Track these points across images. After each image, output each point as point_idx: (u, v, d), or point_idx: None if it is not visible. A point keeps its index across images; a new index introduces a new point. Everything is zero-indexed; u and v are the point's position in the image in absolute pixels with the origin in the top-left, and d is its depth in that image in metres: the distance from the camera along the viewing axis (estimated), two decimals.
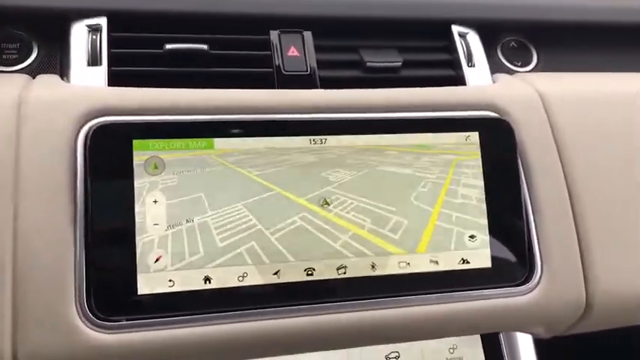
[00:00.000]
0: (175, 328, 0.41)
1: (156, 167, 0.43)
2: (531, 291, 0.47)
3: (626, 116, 0.53)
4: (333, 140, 0.46)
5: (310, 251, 0.44)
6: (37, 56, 0.52)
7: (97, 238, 0.41)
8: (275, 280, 0.43)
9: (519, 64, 0.62)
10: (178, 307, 0.42)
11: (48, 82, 0.46)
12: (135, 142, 0.43)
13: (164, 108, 0.44)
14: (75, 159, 0.42)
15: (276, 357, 0.48)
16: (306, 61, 0.52)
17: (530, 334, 0.52)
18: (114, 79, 0.48)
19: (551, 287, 0.48)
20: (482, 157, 0.49)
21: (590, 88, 0.56)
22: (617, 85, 0.56)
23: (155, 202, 0.42)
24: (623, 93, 0.55)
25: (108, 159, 0.42)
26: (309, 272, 0.44)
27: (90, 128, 0.42)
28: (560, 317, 0.49)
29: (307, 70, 0.52)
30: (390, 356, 0.49)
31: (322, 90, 0.49)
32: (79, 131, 0.42)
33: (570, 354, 0.64)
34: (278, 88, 0.51)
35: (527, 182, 0.49)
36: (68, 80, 0.48)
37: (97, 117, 0.43)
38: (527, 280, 0.48)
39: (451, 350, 0.51)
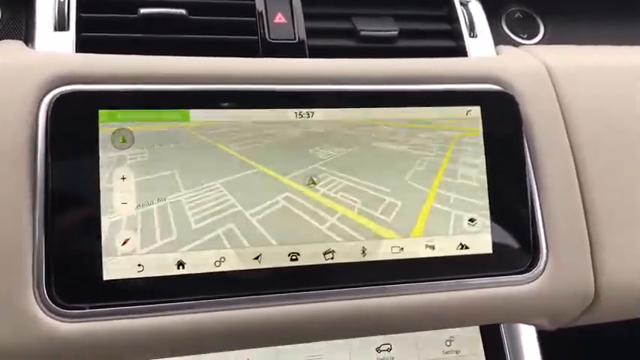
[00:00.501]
0: (145, 317, 0.38)
1: (124, 140, 0.39)
2: (535, 279, 0.44)
3: (637, 91, 0.49)
4: (321, 114, 0.43)
5: (295, 234, 0.41)
6: (0, 20, 0.47)
7: (58, 218, 0.37)
8: (256, 265, 0.40)
9: (525, 36, 0.58)
10: (148, 294, 0.38)
11: (10, 47, 0.43)
12: (101, 112, 0.39)
13: (135, 76, 0.41)
14: (36, 130, 0.38)
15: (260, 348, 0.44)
16: (294, 28, 0.48)
17: (534, 325, 0.48)
18: (83, 46, 0.44)
19: (557, 275, 0.44)
20: (484, 133, 0.45)
21: (600, 62, 0.52)
22: (628, 58, 0.53)
23: (123, 178, 0.39)
24: (635, 66, 0.51)
25: (71, 131, 0.39)
26: (294, 257, 0.40)
27: (53, 97, 0.39)
28: (566, 308, 0.46)
29: (295, 39, 0.48)
30: (381, 348, 0.46)
31: (310, 59, 0.46)
32: (41, 100, 0.39)
33: (576, 347, 0.60)
34: (263, 56, 0.46)
35: (532, 161, 0.46)
36: (33, 46, 0.44)
37: (61, 85, 0.39)
38: (531, 267, 0.44)
39: (448, 342, 0.47)
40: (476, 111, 0.45)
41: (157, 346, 0.39)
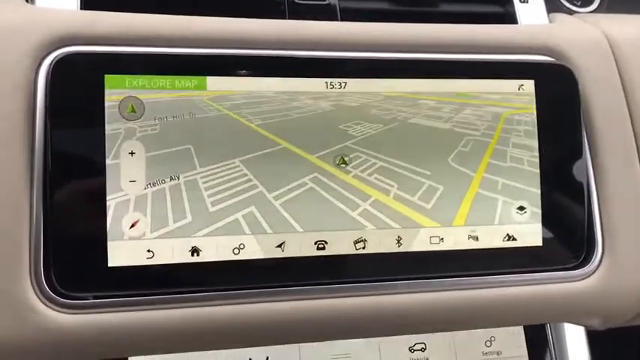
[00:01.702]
0: (154, 309, 0.34)
1: (133, 110, 0.35)
2: (589, 276, 0.40)
3: None
4: (354, 84, 0.38)
5: (322, 220, 0.36)
6: None
7: (58, 197, 0.33)
8: (278, 253, 0.36)
9: (579, 3, 0.53)
10: (158, 283, 0.35)
11: (7, 2, 0.38)
12: (107, 77, 0.34)
13: (146, 37, 0.36)
14: (34, 96, 0.34)
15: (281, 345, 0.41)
16: None
17: (584, 325, 0.44)
18: (88, 3, 0.40)
19: (613, 272, 0.40)
20: (537, 111, 0.40)
21: None
22: None
23: (132, 153, 0.34)
24: None
25: (74, 97, 0.34)
26: (321, 246, 0.36)
27: (54, 59, 0.34)
28: (622, 307, 0.41)
29: None
30: (414, 348, 0.42)
31: (343, 22, 0.41)
32: (40, 62, 0.35)
33: (626, 348, 0.56)
34: (289, 19, 0.42)
35: (589, 145, 0.41)
36: (33, 2, 0.40)
37: (63, 46, 0.35)
38: (585, 262, 0.40)
39: (488, 343, 0.43)
40: (529, 85, 0.40)
41: (168, 340, 0.35)
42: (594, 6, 0.53)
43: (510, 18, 0.47)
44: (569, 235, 0.40)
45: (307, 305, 0.36)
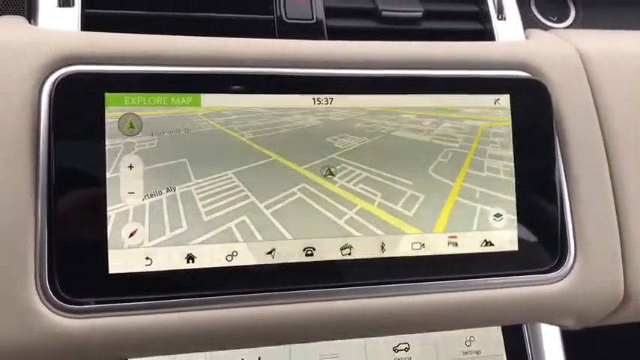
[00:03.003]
0: (152, 313, 0.36)
1: (132, 126, 0.37)
2: (563, 279, 0.42)
3: None
4: (340, 100, 0.40)
5: (310, 228, 0.38)
6: None
7: (61, 208, 0.35)
8: (269, 260, 0.38)
9: (555, 19, 0.55)
10: (156, 289, 0.36)
11: (11, 23, 0.40)
12: (107, 95, 0.36)
13: (143, 56, 0.38)
14: (38, 114, 0.36)
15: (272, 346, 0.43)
16: (312, 7, 0.46)
17: (559, 325, 0.46)
18: (88, 24, 0.42)
19: (586, 275, 0.42)
20: (513, 123, 0.42)
21: (636, 48, 0.49)
22: None
23: (130, 167, 0.36)
24: None
25: (76, 115, 0.36)
26: (309, 252, 0.38)
27: (56, 78, 0.36)
28: (594, 308, 0.43)
29: (313, 19, 0.45)
30: (398, 348, 0.44)
31: (330, 41, 0.43)
32: (43, 82, 0.36)
33: (600, 346, 0.58)
34: (279, 38, 0.44)
35: (562, 155, 0.43)
36: (35, 23, 0.42)
37: (65, 66, 0.37)
38: (559, 266, 0.42)
39: (468, 343, 0.45)
40: (505, 100, 0.42)
41: (166, 342, 0.37)
42: (569, 22, 0.55)
43: (489, 34, 0.49)
44: (543, 241, 0.42)
45: (297, 308, 0.38)
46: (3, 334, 0.34)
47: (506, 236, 0.41)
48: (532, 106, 0.43)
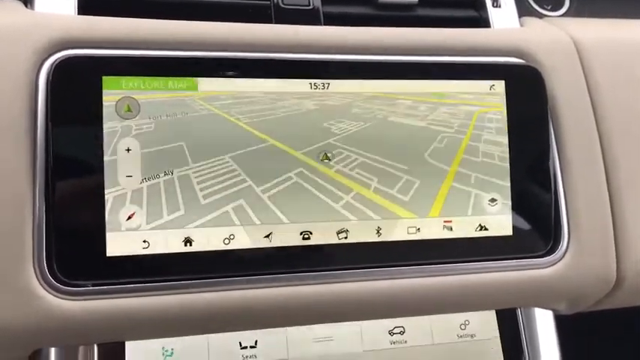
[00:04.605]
0: (149, 295, 0.36)
1: (129, 110, 0.37)
2: (556, 263, 0.42)
3: None
4: (337, 85, 0.40)
5: (307, 212, 0.39)
6: None
7: (59, 191, 0.35)
8: (266, 243, 0.38)
9: (549, 7, 0.55)
10: (154, 272, 0.37)
11: (8, 8, 0.40)
12: (105, 79, 0.37)
13: (141, 40, 0.38)
14: (35, 97, 0.36)
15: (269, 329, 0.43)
16: None
17: (552, 310, 0.47)
18: (84, 8, 0.41)
19: (579, 259, 0.43)
20: (507, 109, 0.42)
21: (629, 36, 0.49)
22: None
23: (128, 150, 0.36)
24: None
25: (73, 98, 0.36)
26: (306, 236, 0.39)
27: (54, 62, 0.36)
28: (587, 292, 0.44)
29: (309, 5, 0.45)
30: (394, 331, 0.44)
31: (326, 27, 0.43)
32: (41, 65, 0.37)
33: (594, 332, 0.59)
34: (275, 24, 0.44)
35: (556, 140, 0.44)
36: (32, 7, 0.41)
37: (62, 49, 0.37)
38: (552, 250, 0.43)
39: (462, 326, 0.45)
40: (500, 85, 0.43)
41: (163, 325, 0.37)
42: (563, 10, 0.56)
43: (484, 22, 0.49)
44: (537, 225, 0.42)
45: (293, 291, 0.38)
46: (1, 316, 0.34)
47: (500, 221, 0.42)
48: (527, 92, 0.43)
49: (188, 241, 0.37)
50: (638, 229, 0.44)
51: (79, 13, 0.41)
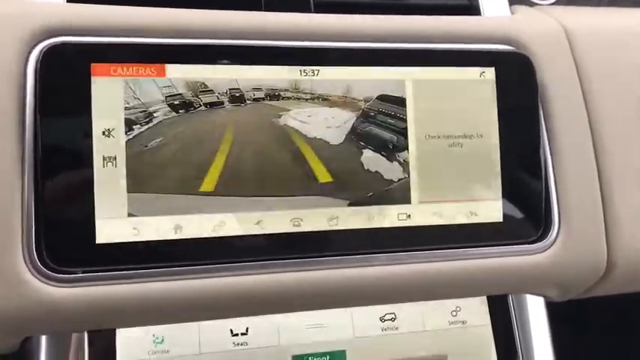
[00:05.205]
0: (139, 282, 0.36)
1: None
2: (547, 249, 0.42)
3: None
4: (326, 72, 0.40)
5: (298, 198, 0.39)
6: None
7: (49, 178, 0.35)
8: (257, 230, 0.38)
9: None
10: (144, 258, 0.36)
11: None
12: (94, 65, 0.36)
13: (131, 28, 0.38)
14: (24, 85, 0.36)
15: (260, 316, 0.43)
16: None
17: (543, 296, 0.47)
18: None
19: (569, 245, 0.43)
20: (497, 96, 0.42)
21: (619, 24, 0.49)
22: None
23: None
24: None
25: (62, 86, 0.36)
26: (296, 223, 0.39)
27: (42, 49, 0.36)
28: (578, 279, 0.44)
29: None
30: (385, 318, 0.44)
31: (316, 14, 0.43)
32: (29, 53, 0.36)
33: (584, 319, 0.59)
34: (265, 11, 0.44)
35: (546, 128, 0.44)
36: None
37: (50, 37, 0.37)
38: (543, 237, 0.43)
39: (454, 313, 0.46)
40: (490, 72, 0.43)
41: (153, 312, 0.37)
42: None
43: (475, 9, 0.49)
44: (527, 212, 0.42)
45: (284, 278, 0.38)
46: None
47: (491, 207, 0.42)
48: (517, 80, 0.43)
49: (178, 227, 0.37)
50: (628, 217, 0.44)
51: (68, 1, 0.41)
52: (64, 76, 0.36)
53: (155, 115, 0.37)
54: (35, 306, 0.35)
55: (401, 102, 0.41)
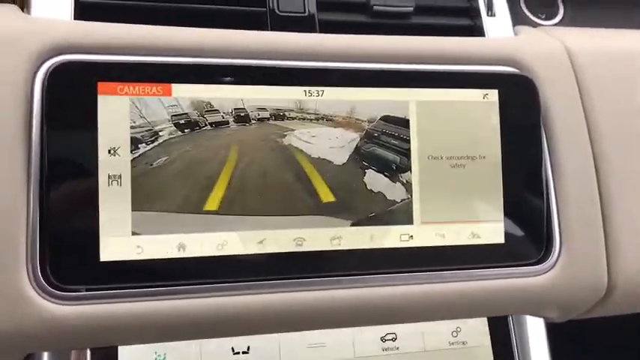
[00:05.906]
0: (142, 301, 0.36)
1: None
2: (548, 271, 0.43)
3: None
4: (331, 92, 0.40)
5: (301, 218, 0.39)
6: None
7: (54, 196, 0.35)
8: (260, 249, 0.38)
9: (544, 16, 0.56)
10: (147, 277, 0.37)
11: (3, 12, 0.40)
12: (100, 84, 0.37)
13: (137, 46, 0.38)
14: (31, 102, 0.36)
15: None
16: (304, 0, 0.46)
17: (543, 317, 0.47)
18: (81, 13, 0.42)
19: (570, 267, 0.43)
20: (500, 118, 0.43)
21: (622, 46, 0.49)
22: None
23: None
24: None
25: (69, 103, 0.36)
26: (299, 242, 0.39)
27: (49, 67, 0.36)
28: (578, 300, 0.44)
29: (305, 12, 0.46)
30: (386, 338, 0.44)
31: (321, 34, 0.43)
32: (36, 70, 0.37)
33: (584, 339, 0.59)
34: (271, 30, 0.44)
35: (549, 149, 0.44)
36: (28, 12, 0.42)
37: (57, 55, 0.37)
38: (544, 258, 0.43)
39: (454, 333, 0.46)
40: (493, 95, 0.43)
41: (156, 330, 0.37)
42: (557, 19, 0.56)
43: (479, 30, 0.49)
44: (529, 234, 0.43)
45: (286, 298, 0.38)
46: None
47: (492, 229, 0.42)
48: (520, 102, 0.43)
49: (181, 246, 0.37)
50: (629, 238, 0.44)
51: (75, 19, 0.42)
52: (71, 94, 0.36)
53: (160, 134, 0.37)
54: (38, 323, 0.35)
55: (404, 123, 0.41)
